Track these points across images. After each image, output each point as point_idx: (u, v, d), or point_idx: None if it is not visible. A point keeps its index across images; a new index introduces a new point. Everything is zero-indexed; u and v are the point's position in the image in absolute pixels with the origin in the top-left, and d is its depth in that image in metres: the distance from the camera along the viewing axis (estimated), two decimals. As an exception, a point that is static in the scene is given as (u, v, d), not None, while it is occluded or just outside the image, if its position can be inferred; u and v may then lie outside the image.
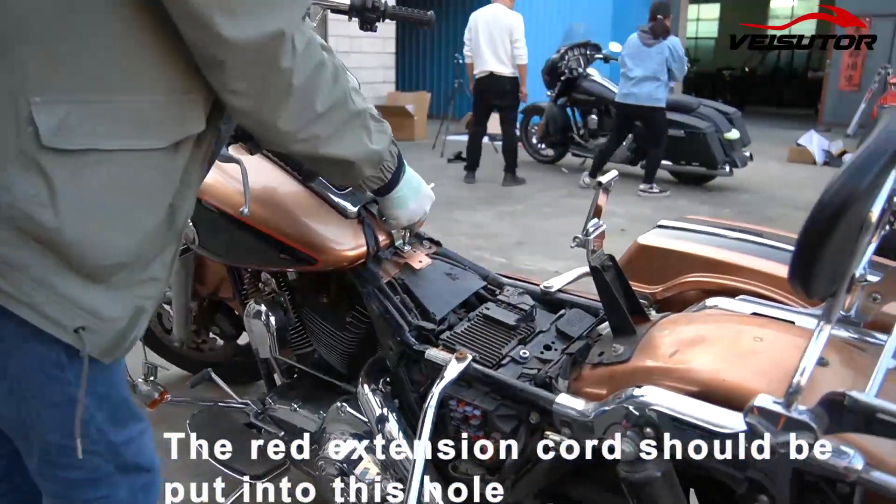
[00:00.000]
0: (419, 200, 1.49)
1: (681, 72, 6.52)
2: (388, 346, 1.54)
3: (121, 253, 0.95)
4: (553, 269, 4.41)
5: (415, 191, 1.47)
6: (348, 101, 1.14)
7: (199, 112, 1.00)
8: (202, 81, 0.97)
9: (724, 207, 6.32)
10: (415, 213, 1.48)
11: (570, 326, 1.46)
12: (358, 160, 1.22)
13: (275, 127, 1.05)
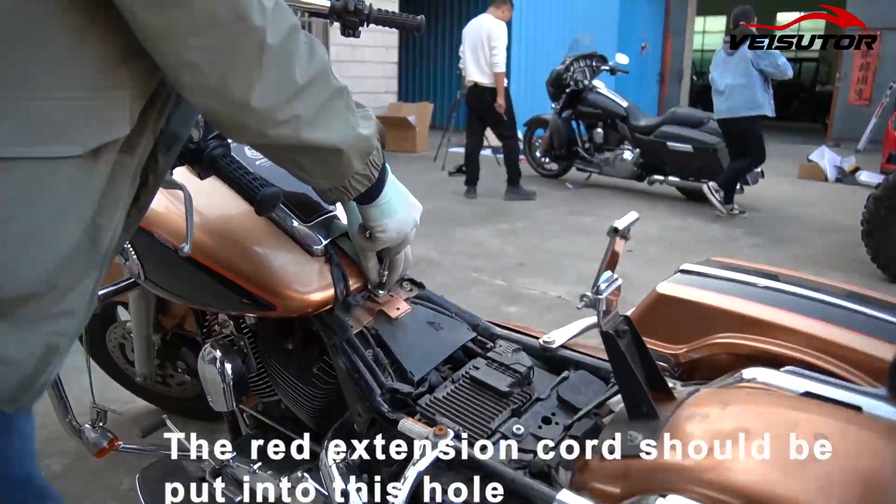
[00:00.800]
0: (407, 208, 1.27)
1: (775, 67, 6.01)
2: (357, 410, 1.29)
3: (28, 282, 0.80)
4: (555, 295, 4.16)
5: (402, 197, 1.26)
6: (329, 74, 0.96)
7: (123, 112, 0.84)
8: (129, 74, 0.83)
9: (736, 227, 6.07)
10: (404, 222, 1.25)
11: (576, 394, 1.21)
12: (347, 147, 1.02)
13: (247, 105, 0.86)
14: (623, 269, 3.20)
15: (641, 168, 7.28)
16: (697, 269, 1.34)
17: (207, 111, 0.90)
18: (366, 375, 1.27)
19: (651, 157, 7.12)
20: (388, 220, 1.21)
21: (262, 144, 0.98)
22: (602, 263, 0.98)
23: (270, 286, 1.30)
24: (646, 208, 6.75)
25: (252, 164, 1.43)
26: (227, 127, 0.93)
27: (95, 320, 2.40)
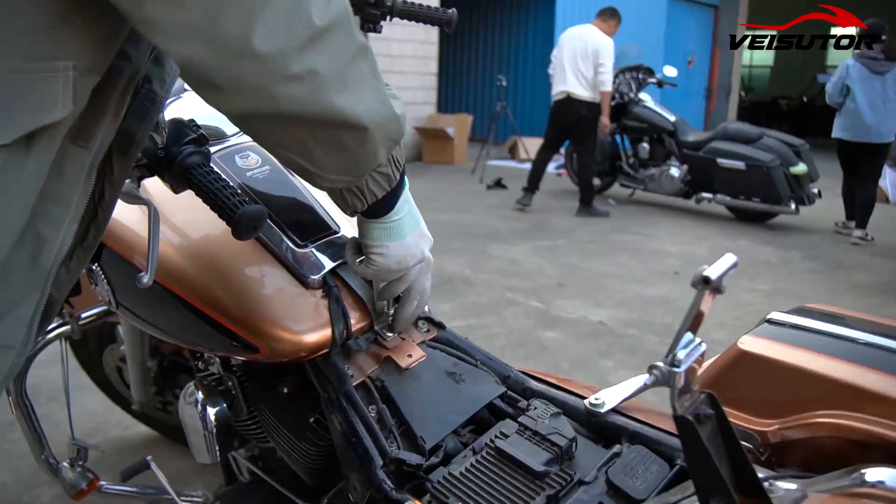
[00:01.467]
0: (417, 235, 1.01)
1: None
2: (353, 482, 1.04)
3: None
4: (596, 319, 3.87)
5: (414, 219, 1.00)
6: (352, 24, 0.71)
7: (64, 89, 0.64)
8: (72, 40, 0.63)
9: (791, 249, 5.70)
10: (409, 252, 0.99)
11: (630, 478, 0.95)
12: (375, 127, 0.77)
13: (246, 48, 0.62)
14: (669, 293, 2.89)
15: (689, 185, 6.95)
16: (790, 320, 1.07)
17: (190, 64, 0.64)
18: (365, 440, 1.02)
19: (700, 173, 6.78)
20: (391, 242, 0.96)
21: (261, 114, 0.70)
22: (683, 324, 0.72)
23: (254, 324, 1.06)
24: (693, 227, 6.43)
25: (242, 176, 1.20)
26: (218, 85, 0.66)
27: (92, 340, 2.19)
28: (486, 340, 3.48)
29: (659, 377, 0.70)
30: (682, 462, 0.97)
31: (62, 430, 2.59)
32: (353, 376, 1.09)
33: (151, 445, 2.49)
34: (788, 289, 4.61)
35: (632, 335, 3.68)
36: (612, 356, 3.41)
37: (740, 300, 4.34)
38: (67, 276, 0.85)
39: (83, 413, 2.69)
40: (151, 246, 0.98)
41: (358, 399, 1.06)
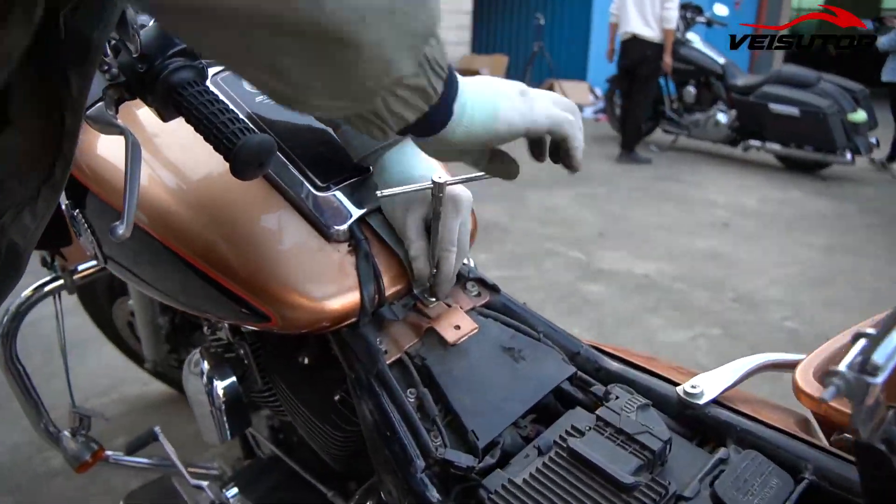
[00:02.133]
0: (506, 117, 0.74)
1: None
2: (387, 486, 0.83)
3: None
4: (641, 272, 3.63)
5: (489, 106, 0.72)
6: None
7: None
8: None
9: (846, 202, 5.37)
10: (514, 120, 0.74)
11: (745, 495, 0.73)
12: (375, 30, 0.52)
13: None
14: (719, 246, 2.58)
15: (736, 132, 6.58)
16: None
17: None
18: (401, 434, 0.81)
19: (749, 120, 6.41)
20: (477, 128, 0.72)
21: (178, 5, 0.49)
22: (889, 320, 0.48)
23: (263, 288, 0.84)
24: (740, 177, 6.11)
25: (249, 102, 0.97)
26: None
27: (101, 292, 2.01)
28: (525, 294, 3.26)
29: (842, 388, 0.47)
30: (811, 476, 0.75)
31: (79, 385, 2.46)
32: (387, 352, 0.88)
33: (170, 404, 2.33)
34: (846, 244, 4.31)
35: (680, 290, 3.44)
36: (661, 313, 3.18)
37: (795, 256, 4.06)
38: (34, 221, 0.64)
39: (99, 368, 2.54)
40: (129, 187, 0.76)
41: (393, 381, 0.85)
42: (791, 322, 3.16)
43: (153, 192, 0.92)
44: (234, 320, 0.93)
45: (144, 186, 0.92)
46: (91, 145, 1.01)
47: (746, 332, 3.03)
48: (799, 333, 3.05)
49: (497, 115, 0.72)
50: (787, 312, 3.25)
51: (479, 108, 0.70)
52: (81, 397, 2.37)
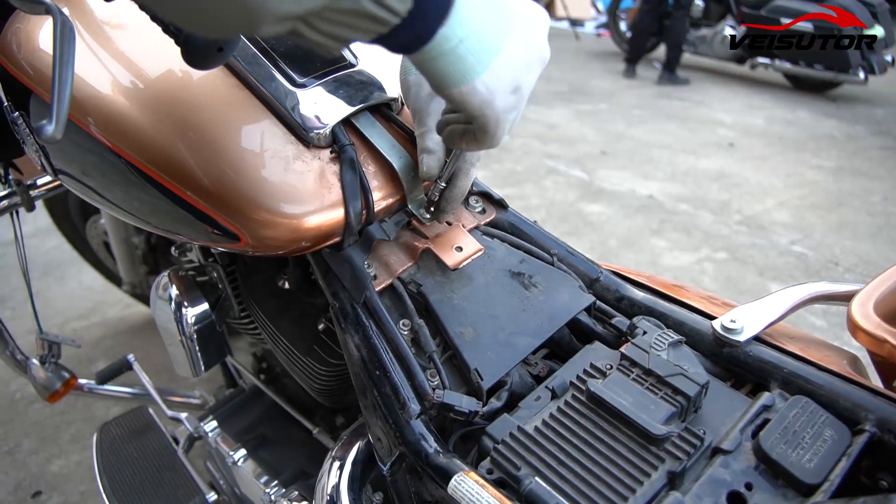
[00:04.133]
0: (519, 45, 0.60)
1: None
2: (377, 433, 0.72)
3: None
4: (646, 193, 3.50)
5: (499, 21, 0.57)
6: None
7: None
8: None
9: (856, 123, 5.19)
10: (515, 72, 0.59)
11: (794, 449, 0.62)
12: None
13: None
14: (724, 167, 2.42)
15: (745, 49, 6.31)
16: None
17: None
18: (392, 373, 0.70)
19: (758, 36, 6.13)
20: (459, 87, 0.56)
21: None
22: None
23: (231, 203, 0.71)
24: (746, 95, 5.91)
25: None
26: None
27: (74, 210, 1.88)
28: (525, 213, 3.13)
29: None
30: (872, 428, 0.64)
31: (58, 308, 2.35)
32: (377, 277, 0.76)
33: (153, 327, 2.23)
34: (856, 167, 4.17)
35: (685, 212, 3.32)
36: (665, 235, 3.06)
37: (803, 178, 3.92)
38: None
39: (80, 290, 2.43)
40: (58, 76, 0.62)
41: (383, 311, 0.73)
42: (799, 246, 3.05)
43: (101, 91, 0.78)
44: (201, 241, 0.80)
45: (91, 84, 0.78)
46: (32, 38, 0.86)
47: (753, 255, 2.92)
48: (808, 258, 2.94)
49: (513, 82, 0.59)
50: (795, 236, 3.14)
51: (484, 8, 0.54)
52: (61, 321, 2.27)
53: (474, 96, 0.56)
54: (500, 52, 0.56)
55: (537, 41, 0.61)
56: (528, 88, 0.61)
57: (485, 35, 0.54)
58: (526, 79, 0.60)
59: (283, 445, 1.13)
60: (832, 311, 2.42)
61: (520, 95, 0.60)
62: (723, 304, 0.83)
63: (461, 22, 0.52)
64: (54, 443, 1.82)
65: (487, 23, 0.54)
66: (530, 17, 0.60)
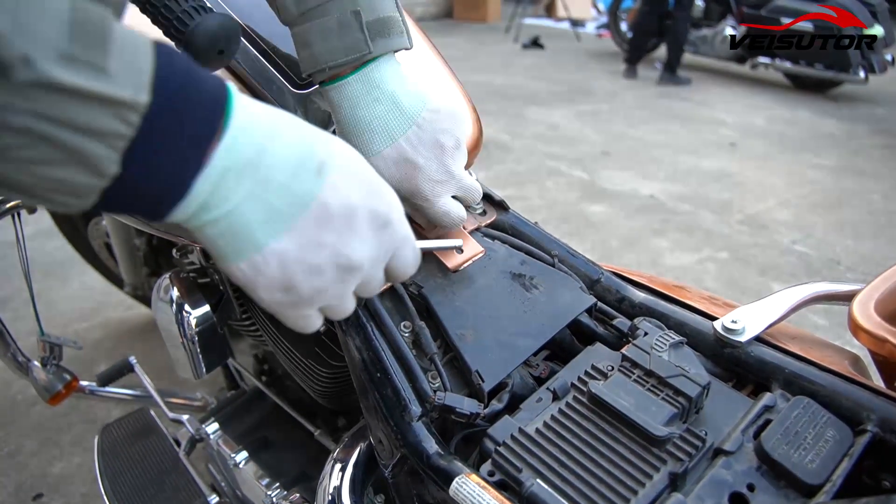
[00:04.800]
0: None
1: None
2: (378, 435, 0.72)
3: None
4: (647, 193, 3.50)
5: (276, 209, 0.44)
6: None
7: None
8: None
9: (857, 122, 5.19)
10: (275, 276, 0.46)
11: (796, 449, 0.62)
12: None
13: None
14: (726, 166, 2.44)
15: (745, 49, 6.32)
16: None
17: None
18: (394, 375, 0.70)
19: (759, 36, 6.14)
20: (235, 262, 0.46)
21: None
22: None
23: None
24: (747, 95, 5.91)
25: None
26: None
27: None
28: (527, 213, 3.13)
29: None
30: (874, 428, 0.64)
31: (60, 310, 2.35)
32: (378, 279, 0.76)
33: (154, 329, 2.23)
34: (857, 166, 4.17)
35: (686, 212, 3.32)
36: (667, 235, 3.06)
37: (804, 177, 3.92)
38: None
39: (83, 291, 2.43)
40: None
41: (384, 313, 0.73)
42: (801, 245, 3.04)
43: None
44: (202, 242, 0.80)
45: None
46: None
47: (755, 255, 2.92)
48: (810, 257, 2.94)
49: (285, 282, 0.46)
50: (796, 235, 3.14)
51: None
52: (63, 322, 2.27)
53: (235, 278, 0.46)
54: (265, 247, 0.44)
55: (339, 246, 0.46)
56: (309, 289, 0.47)
57: (245, 226, 0.42)
58: (307, 283, 0.46)
59: (284, 447, 1.13)
60: (834, 310, 2.42)
61: (296, 296, 0.47)
62: (724, 304, 0.83)
63: (207, 206, 0.40)
64: (55, 445, 1.82)
65: (254, 211, 0.42)
66: (349, 213, 0.46)
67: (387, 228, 0.49)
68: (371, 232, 0.48)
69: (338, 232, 0.46)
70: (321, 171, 0.44)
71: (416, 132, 0.69)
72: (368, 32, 0.65)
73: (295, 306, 0.48)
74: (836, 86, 6.05)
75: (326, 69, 0.66)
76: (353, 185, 0.46)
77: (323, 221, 0.45)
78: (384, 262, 0.51)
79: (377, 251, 0.49)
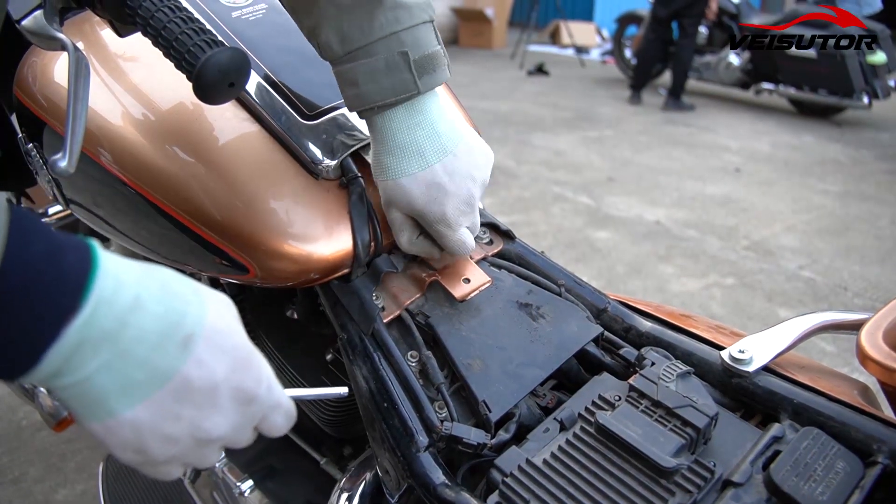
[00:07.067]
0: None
1: None
2: (385, 465, 0.72)
3: None
4: (652, 219, 3.50)
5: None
6: None
7: None
8: None
9: (862, 147, 5.20)
10: (129, 441, 0.44)
11: (806, 481, 0.62)
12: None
13: None
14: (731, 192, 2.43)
15: (749, 75, 6.35)
16: None
17: None
18: (400, 405, 0.70)
19: (763, 62, 6.18)
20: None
21: None
22: None
23: (240, 234, 0.72)
24: (752, 121, 5.94)
25: (224, 16, 0.83)
26: None
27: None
28: (532, 240, 3.14)
29: None
30: (885, 460, 0.63)
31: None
32: (385, 309, 0.76)
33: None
34: (862, 191, 4.17)
35: (692, 238, 3.32)
36: (672, 261, 3.06)
37: (810, 202, 3.92)
38: None
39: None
40: (73, 111, 0.63)
41: (391, 343, 0.73)
42: (807, 271, 3.04)
43: (114, 123, 0.79)
44: (210, 272, 0.81)
45: (104, 117, 0.79)
46: (47, 72, 0.88)
47: (761, 281, 2.91)
48: (816, 283, 2.93)
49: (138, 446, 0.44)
50: (802, 261, 3.13)
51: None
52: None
53: (91, 434, 0.44)
54: (119, 415, 0.42)
55: (198, 421, 0.44)
56: (163, 455, 0.45)
57: (98, 394, 0.41)
58: (161, 450, 0.44)
59: (290, 476, 1.13)
60: (841, 337, 2.41)
61: (150, 458, 0.45)
62: (731, 333, 0.82)
63: (59, 373, 0.39)
64: (59, 471, 1.82)
65: (109, 381, 0.41)
66: (211, 389, 0.44)
67: (252, 403, 0.47)
68: (234, 407, 0.46)
69: (198, 406, 0.44)
70: (187, 345, 0.43)
71: (453, 161, 0.71)
72: (416, 72, 0.66)
73: (151, 465, 0.46)
74: (839, 111, 6.07)
75: (375, 108, 0.68)
76: (219, 359, 0.44)
77: (182, 396, 0.43)
78: (250, 427, 0.50)
79: (240, 421, 0.47)
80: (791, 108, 6.41)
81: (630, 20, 7.49)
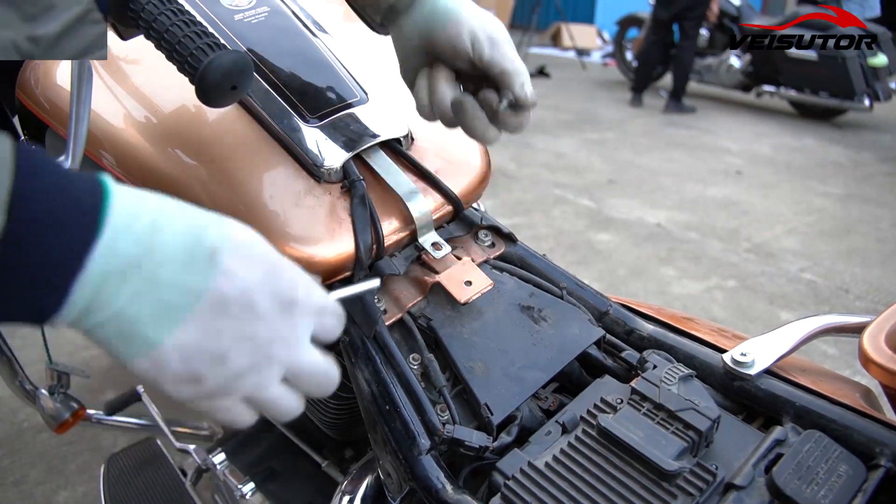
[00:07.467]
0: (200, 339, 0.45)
1: None
2: (387, 468, 0.72)
3: None
4: (654, 221, 3.50)
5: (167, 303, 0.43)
6: None
7: None
8: None
9: (863, 150, 5.20)
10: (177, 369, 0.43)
11: (808, 485, 0.62)
12: None
13: None
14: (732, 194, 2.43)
15: (750, 77, 6.35)
16: None
17: None
18: (402, 409, 0.70)
19: (764, 64, 6.18)
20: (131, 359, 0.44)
21: None
22: None
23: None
24: (753, 123, 5.94)
25: (226, 18, 0.83)
26: None
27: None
28: (533, 242, 3.14)
29: None
30: (888, 463, 0.63)
31: (69, 338, 2.35)
32: (387, 312, 0.76)
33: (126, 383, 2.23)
34: (864, 193, 4.17)
35: (693, 240, 3.32)
36: (674, 263, 3.06)
37: (811, 205, 3.92)
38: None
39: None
40: (75, 114, 0.63)
41: (393, 345, 0.73)
42: (809, 273, 3.04)
43: (116, 126, 0.79)
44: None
45: (106, 119, 0.79)
46: (49, 75, 0.88)
47: (763, 283, 2.91)
48: (818, 285, 2.93)
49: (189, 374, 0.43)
50: (804, 263, 3.13)
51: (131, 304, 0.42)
52: (69, 351, 2.27)
53: (140, 377, 0.43)
54: (160, 343, 0.41)
55: (243, 331, 0.44)
56: (218, 378, 0.44)
57: (134, 325, 0.40)
58: (214, 373, 0.43)
59: (291, 479, 1.13)
60: (843, 339, 2.41)
61: (206, 387, 0.44)
62: (733, 336, 0.82)
63: (90, 311, 0.39)
64: (61, 473, 1.82)
65: (142, 310, 0.40)
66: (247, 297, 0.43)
67: (293, 308, 0.46)
68: (276, 313, 0.45)
69: (237, 318, 0.43)
70: (214, 259, 0.42)
71: None
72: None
73: (210, 398, 0.45)
74: (841, 113, 6.07)
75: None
76: (248, 268, 0.44)
77: (219, 309, 0.42)
78: (306, 338, 0.48)
79: (289, 331, 0.46)
80: (792, 110, 6.41)
81: (631, 22, 7.49)
